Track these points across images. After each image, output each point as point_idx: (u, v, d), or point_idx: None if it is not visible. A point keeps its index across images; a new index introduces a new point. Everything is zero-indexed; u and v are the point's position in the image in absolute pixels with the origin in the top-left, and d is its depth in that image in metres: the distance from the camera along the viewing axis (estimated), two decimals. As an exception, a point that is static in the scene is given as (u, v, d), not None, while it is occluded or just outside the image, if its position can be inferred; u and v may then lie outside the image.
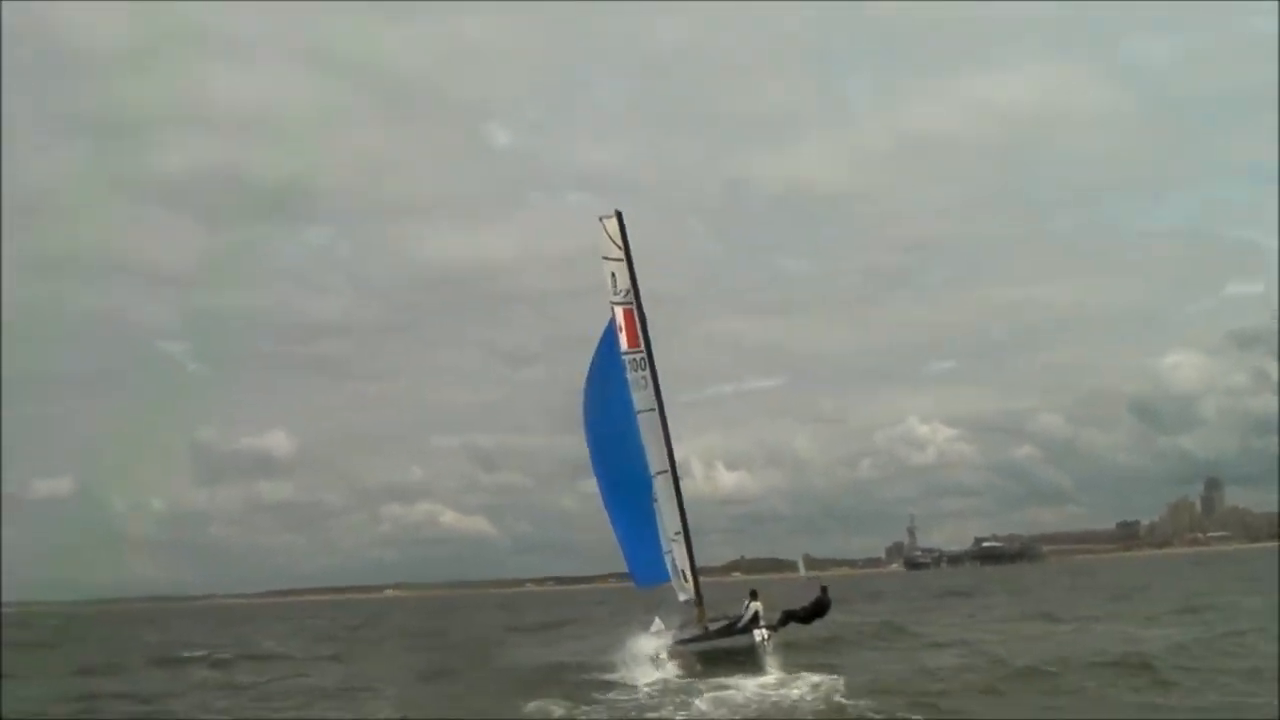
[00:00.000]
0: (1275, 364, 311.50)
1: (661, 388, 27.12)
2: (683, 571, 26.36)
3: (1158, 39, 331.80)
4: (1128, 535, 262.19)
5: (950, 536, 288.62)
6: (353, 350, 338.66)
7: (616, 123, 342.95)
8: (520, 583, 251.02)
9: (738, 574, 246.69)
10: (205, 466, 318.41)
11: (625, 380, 26.80)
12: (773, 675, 22.60)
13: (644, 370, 27.08)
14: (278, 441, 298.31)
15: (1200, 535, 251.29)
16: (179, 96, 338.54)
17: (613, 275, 27.61)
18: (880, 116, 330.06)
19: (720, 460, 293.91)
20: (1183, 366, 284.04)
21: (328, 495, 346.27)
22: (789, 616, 25.74)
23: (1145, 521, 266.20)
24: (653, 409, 26.91)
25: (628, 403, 26.59)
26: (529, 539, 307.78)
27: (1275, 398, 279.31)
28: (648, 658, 24.82)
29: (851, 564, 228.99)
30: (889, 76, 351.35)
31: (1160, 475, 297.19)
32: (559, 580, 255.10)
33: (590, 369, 27.10)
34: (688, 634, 25.87)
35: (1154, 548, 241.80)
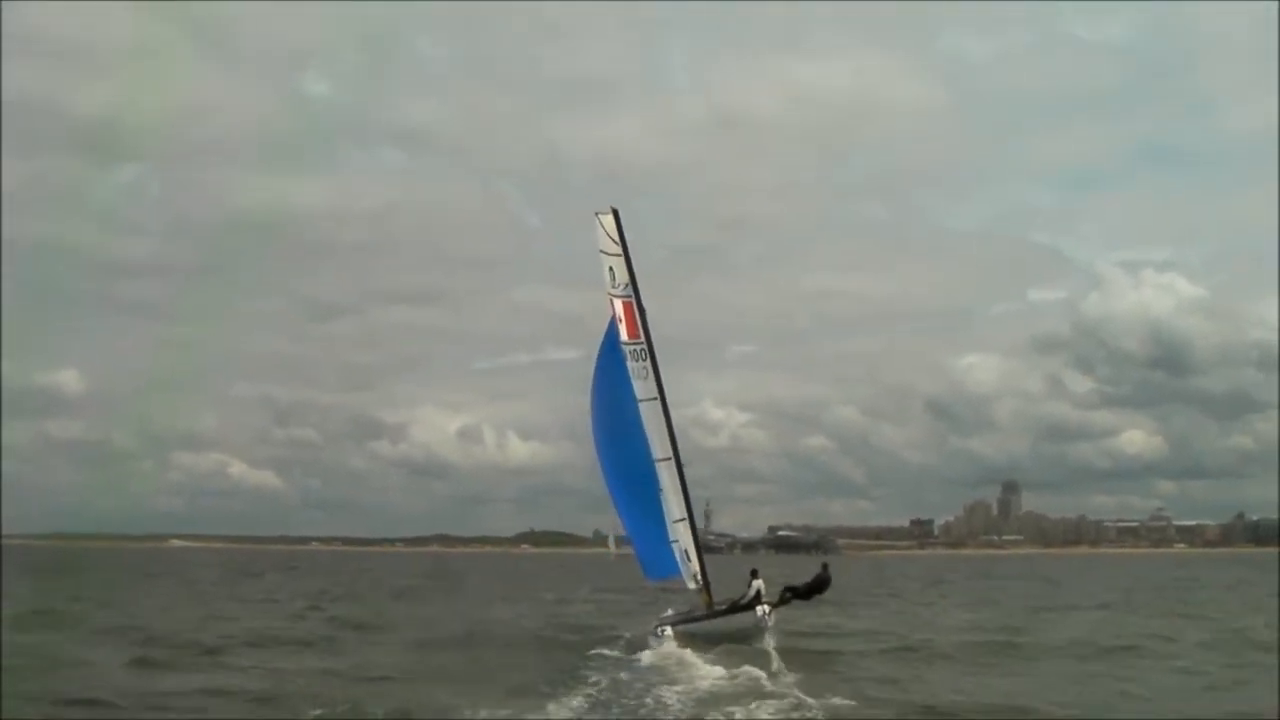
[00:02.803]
0: (1072, 372, 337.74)
1: (459, 354, 27.60)
2: (686, 552, 27.25)
3: (974, 37, 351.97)
4: (923, 533, 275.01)
5: (741, 522, 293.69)
6: (156, 292, 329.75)
7: (434, 81, 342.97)
8: (306, 540, 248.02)
9: (527, 546, 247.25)
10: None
11: (627, 372, 27.54)
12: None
13: (645, 360, 27.88)
14: (69, 379, 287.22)
15: (995, 537, 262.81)
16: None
17: (610, 270, 28.26)
18: (699, 92, 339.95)
19: (513, 429, 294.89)
20: (978, 368, 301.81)
21: (117, 438, 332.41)
22: (789, 592, 27.14)
23: (941, 520, 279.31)
24: (655, 398, 27.72)
25: (630, 394, 27.29)
26: (317, 496, 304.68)
27: (1069, 405, 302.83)
28: (648, 633, 25.63)
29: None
30: (709, 53, 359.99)
31: (951, 475, 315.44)
32: (346, 541, 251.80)
33: (596, 362, 27.73)
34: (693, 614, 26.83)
35: (948, 547, 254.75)
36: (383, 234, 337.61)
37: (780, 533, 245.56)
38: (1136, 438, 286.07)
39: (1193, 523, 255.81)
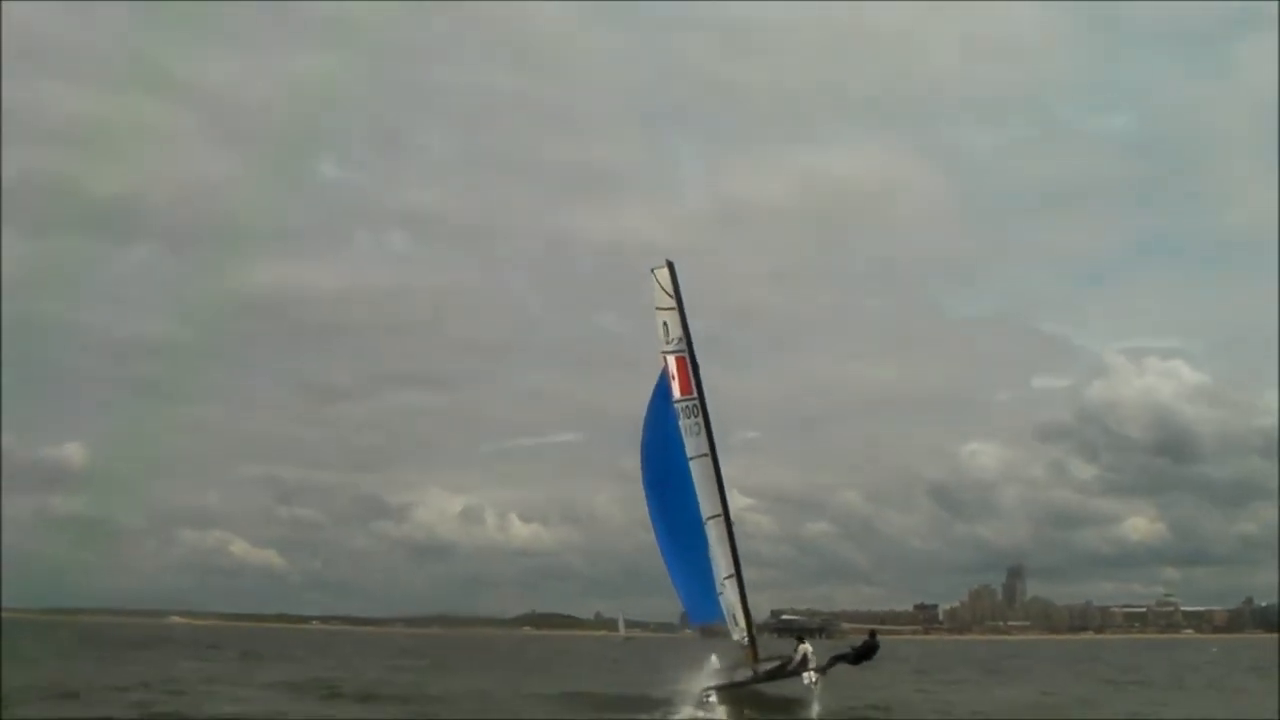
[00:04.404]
0: (1075, 459, 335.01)
1: (466, 436, 27.71)
2: (733, 615, 27.10)
3: (977, 128, 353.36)
4: (927, 619, 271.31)
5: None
6: (166, 371, 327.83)
7: (444, 167, 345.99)
8: (306, 619, 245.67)
9: (528, 628, 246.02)
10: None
11: (678, 427, 27.61)
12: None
13: (696, 417, 27.90)
14: (74, 454, 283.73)
15: (1001, 624, 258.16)
16: (11, 106, 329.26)
17: (665, 324, 28.46)
18: (705, 180, 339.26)
19: (515, 512, 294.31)
20: (982, 455, 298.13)
21: (121, 515, 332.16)
22: (838, 659, 26.93)
23: (946, 606, 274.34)
24: (705, 455, 27.72)
25: (680, 450, 27.39)
26: (318, 576, 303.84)
27: (1073, 491, 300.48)
28: (696, 697, 25.46)
29: (644, 626, 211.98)
30: (716, 142, 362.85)
31: (955, 561, 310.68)
32: (346, 620, 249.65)
33: (646, 416, 27.84)
34: (738, 676, 26.59)
35: (953, 633, 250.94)
36: (390, 317, 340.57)
37: (784, 616, 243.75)
38: (1140, 524, 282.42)
39: (1200, 608, 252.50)
